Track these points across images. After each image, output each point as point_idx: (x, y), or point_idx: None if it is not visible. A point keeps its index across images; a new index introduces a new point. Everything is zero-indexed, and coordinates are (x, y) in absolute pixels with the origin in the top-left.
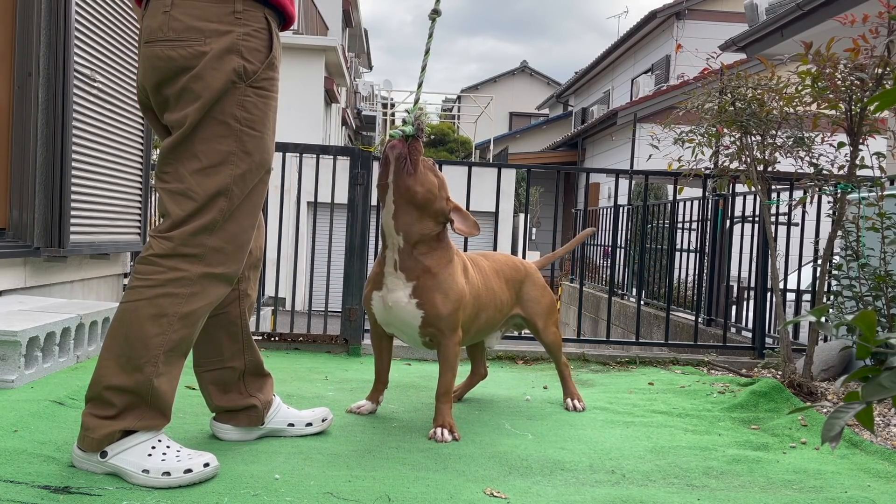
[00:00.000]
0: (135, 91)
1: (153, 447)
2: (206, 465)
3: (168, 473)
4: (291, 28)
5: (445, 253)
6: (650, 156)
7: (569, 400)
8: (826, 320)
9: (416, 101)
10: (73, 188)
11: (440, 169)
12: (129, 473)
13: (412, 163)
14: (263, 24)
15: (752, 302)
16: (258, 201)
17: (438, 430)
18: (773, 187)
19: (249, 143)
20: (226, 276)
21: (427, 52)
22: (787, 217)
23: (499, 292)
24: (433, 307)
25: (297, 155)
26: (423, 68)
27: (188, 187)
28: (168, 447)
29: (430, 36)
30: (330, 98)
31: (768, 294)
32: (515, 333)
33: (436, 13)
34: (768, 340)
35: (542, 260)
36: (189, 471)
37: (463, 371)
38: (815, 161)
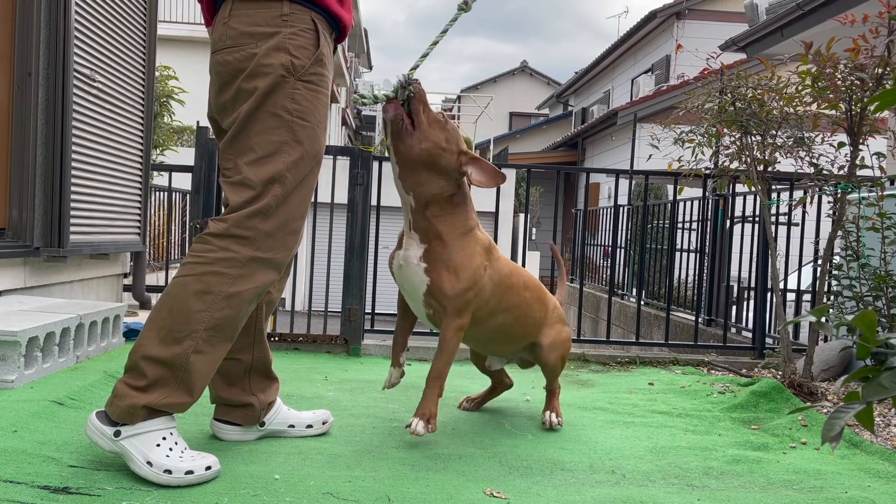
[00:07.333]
0: (135, 91)
1: (163, 438)
2: (209, 468)
3: (169, 472)
4: None
5: (462, 220)
6: (650, 156)
7: (547, 413)
8: (826, 320)
9: (416, 67)
10: (73, 188)
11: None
12: (133, 460)
13: (410, 122)
14: (310, 25)
15: (752, 302)
16: (309, 192)
17: (414, 422)
18: (773, 187)
19: (301, 133)
20: (274, 262)
21: (444, 31)
22: (787, 217)
23: (533, 303)
24: (439, 282)
25: None
26: (435, 42)
27: (245, 177)
28: (175, 443)
29: (454, 20)
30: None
31: (768, 294)
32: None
33: (465, 6)
34: (768, 340)
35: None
36: (190, 472)
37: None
38: (815, 161)
